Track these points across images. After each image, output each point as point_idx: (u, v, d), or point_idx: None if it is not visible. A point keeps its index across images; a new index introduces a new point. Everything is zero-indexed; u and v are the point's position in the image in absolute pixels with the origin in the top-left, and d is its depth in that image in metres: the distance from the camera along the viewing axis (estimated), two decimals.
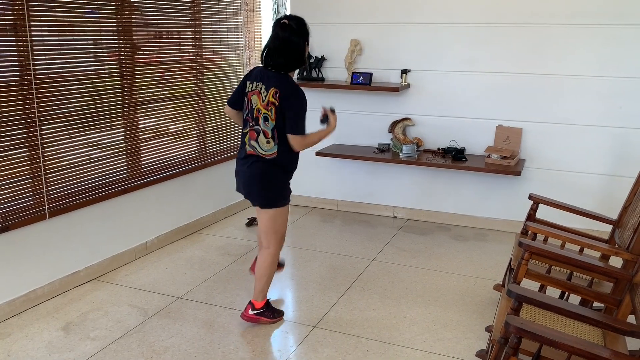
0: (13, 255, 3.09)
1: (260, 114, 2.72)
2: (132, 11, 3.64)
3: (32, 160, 3.11)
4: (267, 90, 2.70)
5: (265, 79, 2.72)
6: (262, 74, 2.75)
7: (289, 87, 2.71)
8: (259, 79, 2.74)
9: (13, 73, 2.94)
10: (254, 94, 2.74)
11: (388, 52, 4.59)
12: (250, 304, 3.00)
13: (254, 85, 2.74)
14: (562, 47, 4.12)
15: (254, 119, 2.75)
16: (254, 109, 2.75)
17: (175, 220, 4.25)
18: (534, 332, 1.70)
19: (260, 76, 2.75)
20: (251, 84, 2.76)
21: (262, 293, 2.99)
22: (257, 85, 2.73)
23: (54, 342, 2.83)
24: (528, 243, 2.41)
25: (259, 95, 2.72)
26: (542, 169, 4.35)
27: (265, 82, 2.71)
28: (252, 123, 2.76)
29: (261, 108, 2.71)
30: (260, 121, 2.72)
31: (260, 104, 2.71)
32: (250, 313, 2.98)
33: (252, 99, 2.75)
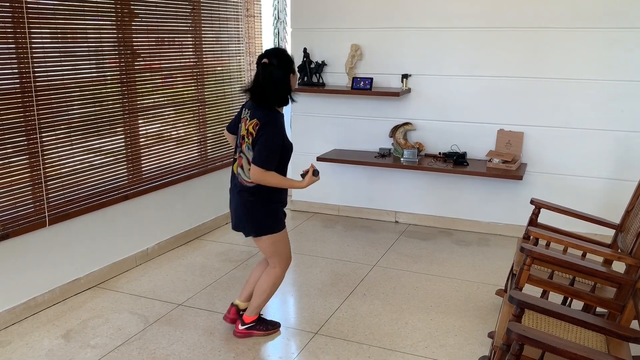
0: (13, 263, 3.08)
1: (244, 141, 2.74)
2: (132, 18, 3.64)
3: (33, 167, 3.10)
4: (251, 119, 2.72)
5: (252, 109, 2.76)
6: (251, 104, 2.79)
7: (269, 121, 2.68)
8: (249, 108, 2.79)
9: (13, 80, 2.94)
10: (244, 121, 2.78)
11: (388, 57, 4.59)
12: (239, 320, 2.95)
13: (245, 112, 2.79)
14: (563, 51, 4.11)
15: (239, 146, 2.79)
16: (241, 136, 2.78)
17: (176, 227, 4.25)
18: (536, 339, 1.68)
19: (249, 106, 2.80)
20: (245, 111, 2.80)
21: (257, 309, 2.95)
22: (246, 113, 2.78)
23: (55, 350, 2.82)
24: (530, 248, 2.39)
25: (246, 122, 2.74)
26: (544, 173, 4.34)
27: (252, 112, 2.75)
28: (240, 149, 2.78)
29: (244, 135, 2.75)
30: (244, 148, 2.74)
31: (245, 133, 2.74)
32: (240, 329, 2.93)
33: (241, 126, 2.79)
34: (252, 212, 2.77)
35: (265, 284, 2.89)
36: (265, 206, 2.77)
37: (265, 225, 2.79)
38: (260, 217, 2.78)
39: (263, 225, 2.79)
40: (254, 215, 2.78)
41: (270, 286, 2.90)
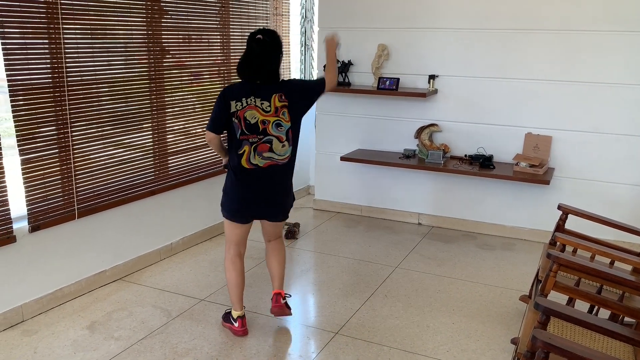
0: (42, 254, 3.15)
1: (268, 124, 2.69)
2: (162, 15, 3.68)
3: (64, 161, 3.16)
4: (268, 99, 2.68)
5: (257, 92, 2.69)
6: (250, 89, 2.70)
7: (287, 83, 2.77)
8: (249, 95, 2.68)
9: (46, 75, 3.00)
10: (248, 110, 2.68)
11: (416, 57, 4.56)
12: (278, 295, 3.00)
13: (244, 102, 2.68)
14: (594, 54, 4.03)
15: (260, 132, 2.70)
16: (253, 124, 2.69)
17: (200, 222, 4.29)
18: (562, 347, 1.65)
19: (248, 92, 2.69)
20: (238, 103, 2.68)
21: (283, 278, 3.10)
22: (249, 101, 2.68)
23: (79, 341, 2.87)
24: (557, 255, 2.35)
25: (257, 108, 2.68)
26: (572, 179, 4.26)
27: (260, 95, 2.68)
28: (256, 137, 2.70)
29: (268, 118, 2.69)
30: (271, 129, 2.70)
31: (263, 114, 2.68)
32: (282, 302, 3.00)
33: (245, 115, 2.68)
34: (288, 191, 2.92)
35: (283, 254, 3.08)
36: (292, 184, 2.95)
37: (291, 206, 2.98)
38: (291, 194, 2.97)
39: (290, 205, 2.98)
40: (289, 193, 2.94)
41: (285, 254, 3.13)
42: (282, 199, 2.87)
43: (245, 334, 2.95)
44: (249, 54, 2.70)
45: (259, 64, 2.68)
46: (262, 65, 2.68)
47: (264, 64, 2.68)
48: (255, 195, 2.81)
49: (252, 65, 2.69)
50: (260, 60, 2.67)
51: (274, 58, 2.70)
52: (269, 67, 2.69)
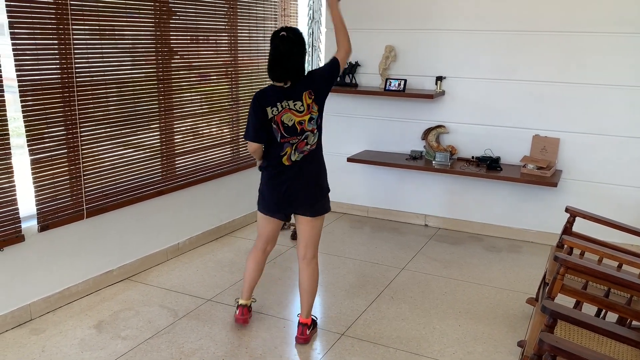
0: (51, 253, 3.17)
1: (304, 124, 2.73)
2: (170, 15, 3.70)
3: (72, 161, 3.18)
4: (300, 99, 2.71)
5: (288, 95, 2.70)
6: (281, 93, 2.71)
7: (311, 76, 2.78)
8: (282, 99, 2.70)
9: (55, 76, 3.02)
10: (284, 113, 2.70)
11: (423, 58, 4.55)
12: (304, 326, 2.91)
13: (279, 106, 2.69)
14: (603, 56, 4.01)
15: (299, 133, 2.73)
16: (291, 127, 2.71)
17: (207, 223, 4.30)
18: (569, 350, 1.65)
19: (280, 96, 2.70)
20: (273, 108, 2.69)
21: (312, 307, 2.96)
22: (284, 105, 2.69)
23: (87, 340, 2.89)
24: (564, 257, 2.35)
25: (291, 111, 2.70)
26: (580, 181, 4.24)
27: (292, 97, 2.70)
28: (296, 139, 2.73)
29: (303, 119, 2.72)
30: (307, 126, 2.74)
31: (298, 115, 2.72)
32: (308, 334, 2.92)
33: (282, 119, 2.70)
34: (324, 179, 2.91)
35: (316, 280, 2.94)
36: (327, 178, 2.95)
37: (328, 197, 2.94)
38: (326, 181, 2.94)
39: (328, 196, 2.93)
40: (325, 181, 2.92)
41: (318, 280, 2.96)
42: (316, 189, 2.85)
43: (243, 322, 3.03)
44: (275, 52, 2.69)
45: (286, 62, 2.67)
46: (289, 62, 2.68)
47: (290, 61, 2.68)
48: (293, 187, 2.80)
49: (280, 64, 2.68)
50: (286, 58, 2.67)
51: (299, 54, 2.70)
52: (296, 64, 2.69)
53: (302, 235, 2.91)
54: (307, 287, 2.90)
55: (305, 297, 2.91)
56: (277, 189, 2.82)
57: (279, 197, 2.83)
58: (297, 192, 2.81)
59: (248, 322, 3.06)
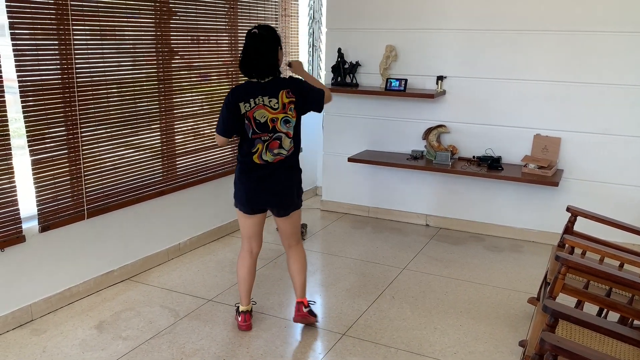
0: (52, 254, 3.17)
1: (276, 122, 2.74)
2: (171, 16, 3.70)
3: (73, 161, 3.18)
4: (276, 95, 2.73)
5: (264, 91, 2.73)
6: (256, 88, 2.73)
7: (292, 81, 2.80)
8: (257, 94, 2.72)
9: (56, 76, 3.02)
10: (257, 109, 2.71)
11: (424, 58, 4.55)
12: (301, 304, 3.01)
13: (252, 102, 2.71)
14: (604, 55, 4.00)
15: (270, 130, 2.74)
16: (263, 123, 2.73)
17: (207, 223, 4.30)
18: (570, 350, 1.65)
19: (255, 92, 2.72)
20: (246, 104, 2.71)
21: (305, 288, 3.06)
22: (257, 101, 2.71)
23: (88, 340, 2.89)
24: (565, 257, 2.34)
25: (265, 107, 2.72)
26: (581, 180, 4.24)
27: (267, 93, 2.72)
28: (267, 136, 2.75)
29: (277, 116, 2.74)
30: (281, 126, 2.75)
31: (273, 112, 2.73)
32: (304, 311, 3.00)
33: (255, 115, 2.72)
34: (298, 183, 2.94)
35: (302, 261, 3.04)
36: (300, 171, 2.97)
37: (301, 195, 3.01)
38: (300, 185, 2.99)
39: (301, 195, 3.00)
40: (299, 185, 2.96)
41: (306, 261, 3.07)
42: (288, 190, 2.88)
43: (246, 329, 3.02)
44: (246, 48, 2.74)
45: (255, 58, 2.71)
46: (258, 58, 2.70)
47: (260, 57, 2.70)
48: (264, 186, 2.84)
49: (249, 59, 2.72)
50: (256, 54, 2.71)
51: (270, 51, 2.72)
52: (265, 60, 2.71)
53: (281, 230, 3.03)
54: (296, 267, 3.01)
55: (297, 278, 3.01)
56: (247, 185, 2.86)
57: (247, 192, 2.86)
58: (266, 192, 2.85)
59: (251, 328, 3.03)
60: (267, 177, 2.82)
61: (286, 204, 2.90)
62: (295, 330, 3.04)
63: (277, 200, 2.88)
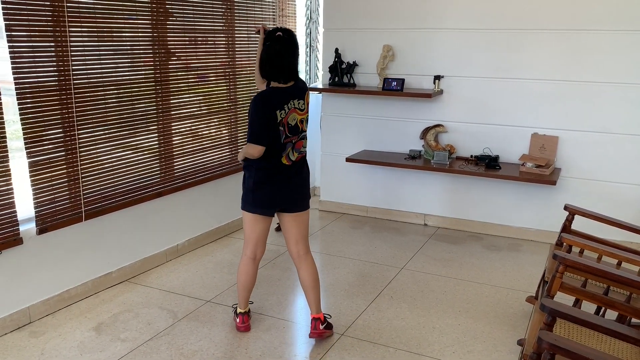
0: (50, 256, 3.16)
1: (303, 122, 2.80)
2: (168, 17, 3.69)
3: (70, 163, 3.17)
4: (303, 97, 2.79)
5: (292, 94, 2.73)
6: (286, 94, 2.71)
7: (303, 83, 2.86)
8: (289, 98, 2.71)
9: (53, 78, 3.01)
10: (290, 114, 2.72)
11: (421, 58, 4.55)
12: (317, 320, 2.89)
13: (287, 108, 2.70)
14: (601, 53, 4.01)
15: (299, 132, 2.78)
16: (294, 126, 2.74)
17: (205, 224, 4.30)
18: (568, 349, 1.65)
19: (285, 97, 2.71)
20: (282, 111, 2.68)
21: (320, 303, 2.94)
22: (291, 105, 2.71)
23: (86, 342, 2.89)
24: (563, 256, 2.34)
25: (296, 110, 2.75)
26: (579, 179, 4.24)
27: (296, 96, 2.75)
28: (296, 137, 2.78)
29: (302, 116, 2.79)
30: (305, 126, 2.82)
31: (300, 114, 2.77)
32: (321, 328, 2.89)
33: (289, 120, 2.71)
34: (308, 179, 2.93)
35: (315, 274, 2.92)
36: None
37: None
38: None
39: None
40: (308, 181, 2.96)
41: (317, 273, 2.95)
42: (307, 183, 2.92)
43: (245, 330, 3.01)
44: (271, 52, 2.68)
45: (281, 62, 2.68)
46: (284, 63, 2.69)
47: (285, 61, 2.69)
48: (285, 186, 2.81)
49: (274, 63, 2.69)
50: (281, 58, 2.68)
51: (294, 55, 2.73)
52: (290, 64, 2.71)
53: (290, 232, 2.90)
54: (309, 283, 2.89)
55: (310, 294, 2.90)
56: (273, 187, 2.80)
57: (273, 194, 2.81)
58: (292, 190, 2.85)
59: (250, 329, 3.03)
60: (294, 175, 2.82)
61: (306, 197, 2.93)
62: (294, 331, 3.04)
63: (300, 195, 2.87)
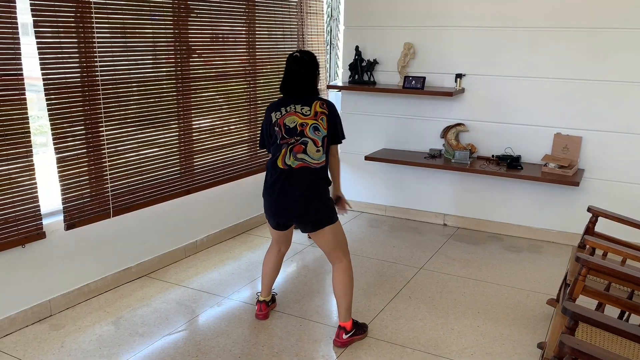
0: (72, 250, 3.20)
1: (306, 127, 2.71)
2: (189, 13, 3.71)
3: (98, 159, 3.21)
4: (309, 104, 2.73)
5: (296, 100, 2.75)
6: (290, 99, 2.76)
7: (328, 101, 2.80)
8: (289, 103, 2.74)
9: (80, 74, 3.04)
10: (287, 116, 2.72)
11: (442, 56, 4.50)
12: (341, 329, 2.85)
13: (284, 110, 2.73)
14: (627, 52, 3.92)
15: (297, 134, 2.70)
16: (292, 128, 2.70)
17: (224, 220, 4.31)
18: (591, 354, 1.61)
19: (288, 101, 2.76)
20: (278, 113, 2.74)
21: (349, 311, 2.86)
22: (290, 109, 2.73)
23: (105, 336, 2.92)
24: (586, 258, 2.30)
25: (296, 114, 2.72)
26: (602, 180, 4.16)
27: (300, 102, 2.74)
28: (293, 140, 2.71)
29: (306, 121, 2.71)
30: (309, 132, 2.71)
31: (302, 118, 2.71)
32: (345, 338, 2.85)
33: (285, 121, 2.71)
34: (322, 196, 2.76)
35: (343, 283, 2.84)
36: (328, 190, 2.83)
37: (331, 213, 2.80)
38: (328, 202, 2.81)
39: (330, 212, 2.80)
40: (323, 198, 2.76)
41: (349, 282, 2.86)
42: (311, 206, 2.71)
43: (262, 317, 3.11)
44: (287, 72, 2.79)
45: (296, 80, 2.75)
46: (298, 83, 2.75)
47: (300, 82, 2.75)
48: (286, 198, 2.73)
49: (290, 82, 2.77)
50: (297, 77, 2.75)
51: (310, 76, 2.77)
52: (304, 85, 2.76)
53: (318, 245, 2.89)
54: (337, 290, 2.87)
55: (338, 300, 2.88)
56: (270, 198, 2.78)
57: (271, 207, 2.80)
58: (287, 203, 2.73)
59: (267, 317, 3.12)
60: (288, 186, 2.70)
61: (304, 218, 2.75)
62: (311, 329, 3.03)
63: (297, 214, 2.74)
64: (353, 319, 2.93)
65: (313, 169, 2.72)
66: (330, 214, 2.78)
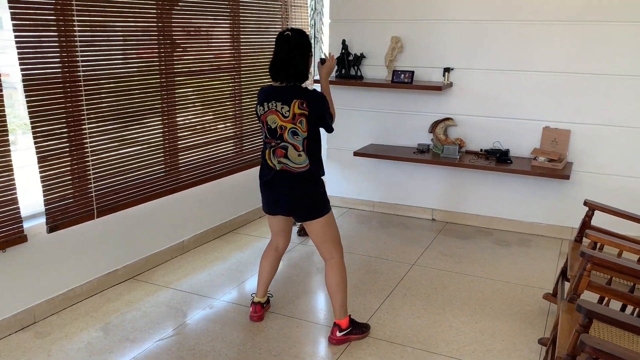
0: (54, 254, 3.06)
1: (284, 130, 2.62)
2: (173, 6, 3.57)
3: (81, 159, 3.07)
4: (289, 104, 2.60)
5: (278, 95, 2.62)
6: (272, 93, 2.65)
7: (310, 94, 2.62)
8: (271, 98, 2.63)
9: (61, 71, 2.89)
10: (269, 114, 2.63)
11: (430, 49, 4.46)
12: (335, 326, 2.81)
13: (267, 106, 2.64)
14: (615, 46, 3.93)
15: (277, 138, 2.64)
16: (273, 129, 2.64)
17: (211, 220, 4.20)
18: (614, 354, 1.57)
19: (270, 95, 2.64)
20: (261, 107, 2.66)
21: (343, 308, 2.81)
22: (271, 105, 2.63)
23: (94, 343, 2.79)
24: (591, 253, 2.27)
25: (276, 113, 2.62)
26: (591, 173, 4.17)
27: (280, 99, 2.61)
28: (274, 142, 2.65)
29: (285, 124, 2.61)
30: (288, 136, 2.62)
31: (282, 120, 2.61)
32: (338, 335, 2.80)
33: (267, 120, 2.64)
34: (308, 195, 2.72)
35: (335, 281, 2.79)
36: (318, 186, 2.75)
37: (320, 207, 2.73)
38: (316, 198, 2.73)
39: (318, 207, 2.73)
40: (311, 197, 2.72)
41: (341, 280, 2.80)
42: (298, 202, 2.72)
43: (257, 319, 3.03)
44: (277, 50, 2.64)
45: (285, 61, 2.61)
46: (288, 62, 2.60)
47: (290, 61, 2.60)
48: (275, 191, 2.76)
49: (278, 62, 2.63)
50: (286, 57, 2.61)
51: (301, 56, 2.62)
52: (294, 65, 2.60)
53: (310, 237, 2.87)
54: (329, 287, 2.82)
55: (331, 298, 2.84)
56: (261, 187, 2.81)
57: (264, 194, 2.82)
58: (278, 195, 2.75)
59: (262, 319, 3.03)
60: (276, 182, 2.72)
61: (293, 211, 2.78)
62: (309, 330, 2.96)
63: (287, 207, 2.76)
64: (352, 318, 2.88)
65: (296, 174, 2.67)
66: (321, 207, 2.75)
